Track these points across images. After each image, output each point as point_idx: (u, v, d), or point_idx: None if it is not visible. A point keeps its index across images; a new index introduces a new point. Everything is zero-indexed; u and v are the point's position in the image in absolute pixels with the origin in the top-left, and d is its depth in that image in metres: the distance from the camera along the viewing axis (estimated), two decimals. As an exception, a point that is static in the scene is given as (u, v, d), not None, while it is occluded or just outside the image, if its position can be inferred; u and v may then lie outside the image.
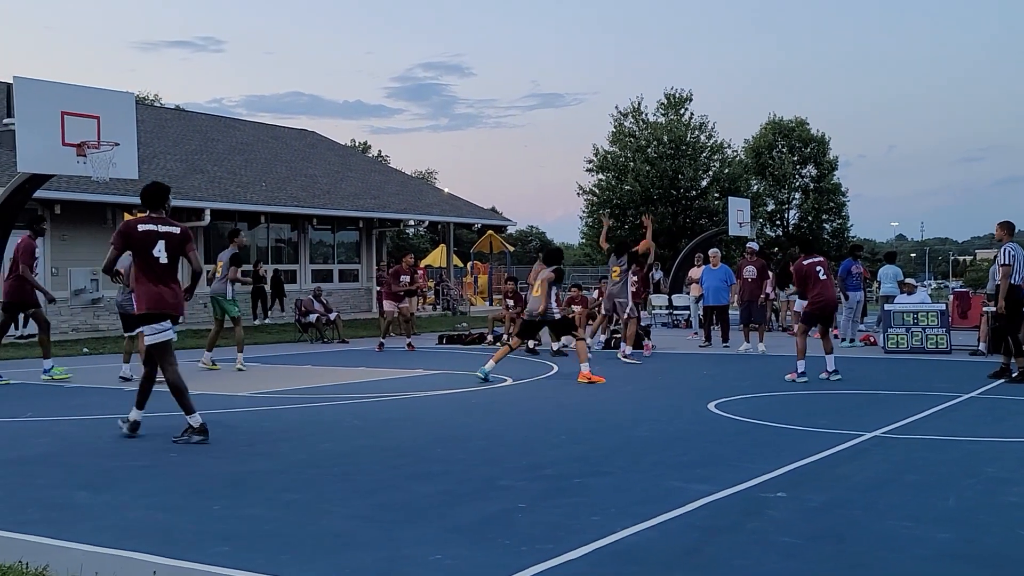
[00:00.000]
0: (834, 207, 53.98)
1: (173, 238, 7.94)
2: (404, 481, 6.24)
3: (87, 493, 5.95)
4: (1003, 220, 12.30)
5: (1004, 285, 11.78)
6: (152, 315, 7.87)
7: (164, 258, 7.86)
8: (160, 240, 7.86)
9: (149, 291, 7.86)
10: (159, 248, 7.84)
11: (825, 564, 4.39)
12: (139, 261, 7.89)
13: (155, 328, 7.88)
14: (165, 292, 7.89)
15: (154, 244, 7.84)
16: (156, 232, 7.88)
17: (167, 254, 7.88)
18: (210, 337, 14.53)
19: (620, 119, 47.37)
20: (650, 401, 10.39)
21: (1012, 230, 12.43)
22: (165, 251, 7.87)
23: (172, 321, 7.97)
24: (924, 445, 7.46)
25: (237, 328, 14.32)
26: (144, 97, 53.49)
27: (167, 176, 24.97)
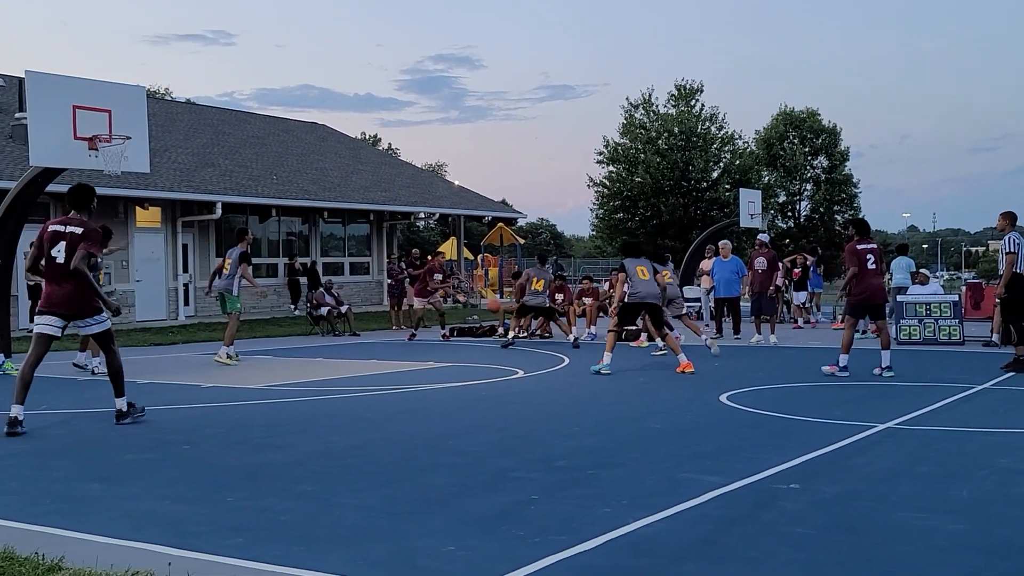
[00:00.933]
0: (846, 198, 53.78)
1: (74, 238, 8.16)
2: (416, 473, 6.26)
3: (101, 485, 5.98)
4: (1005, 210, 12.38)
5: (1007, 273, 11.88)
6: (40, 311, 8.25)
7: (61, 258, 8.10)
8: (61, 240, 8.13)
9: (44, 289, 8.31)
10: (58, 248, 8.11)
11: (838, 555, 4.38)
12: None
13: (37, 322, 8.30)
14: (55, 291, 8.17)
15: (54, 244, 8.15)
16: (60, 232, 8.17)
17: (65, 254, 8.11)
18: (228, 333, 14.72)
19: (631, 111, 47.27)
20: (662, 393, 10.39)
21: (1014, 220, 12.54)
22: (64, 251, 8.11)
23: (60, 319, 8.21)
24: (937, 436, 7.43)
25: (231, 322, 14.42)
26: (155, 91, 53.63)
27: (178, 170, 25.06)
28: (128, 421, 8.38)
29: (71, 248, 8.07)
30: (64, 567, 4.23)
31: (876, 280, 11.61)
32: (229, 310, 14.44)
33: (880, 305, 11.89)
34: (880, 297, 11.81)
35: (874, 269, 11.54)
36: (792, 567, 4.22)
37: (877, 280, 11.63)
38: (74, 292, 8.14)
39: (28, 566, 4.20)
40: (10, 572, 4.12)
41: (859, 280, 11.43)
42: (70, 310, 8.19)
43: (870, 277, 11.48)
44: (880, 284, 11.74)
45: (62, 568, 4.21)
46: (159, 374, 12.46)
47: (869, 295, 11.51)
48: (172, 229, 24.57)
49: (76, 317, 8.26)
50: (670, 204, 43.90)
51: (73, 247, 8.08)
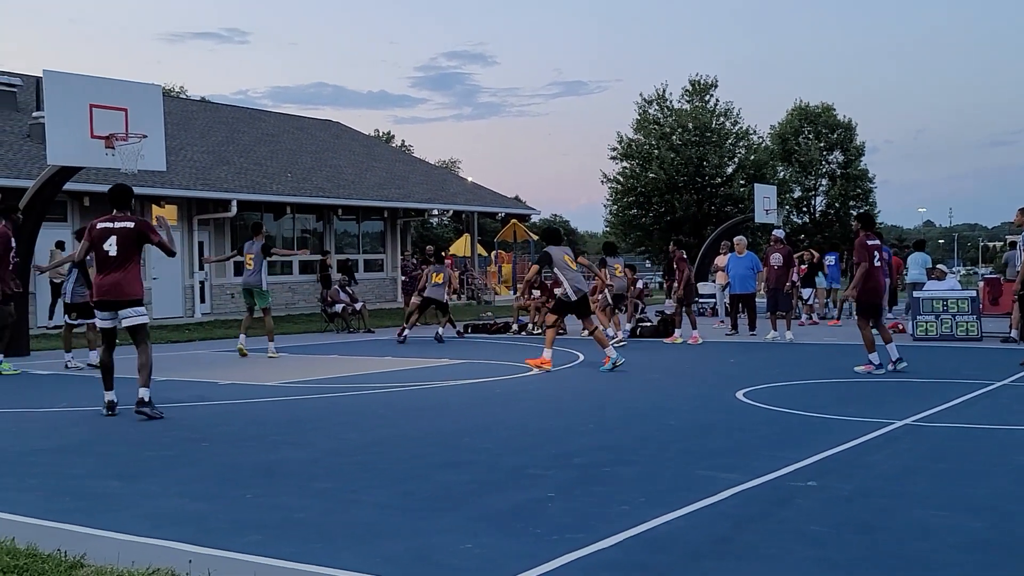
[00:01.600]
0: (861, 193, 53.52)
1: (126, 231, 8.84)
2: (432, 470, 6.28)
3: (121, 482, 6.03)
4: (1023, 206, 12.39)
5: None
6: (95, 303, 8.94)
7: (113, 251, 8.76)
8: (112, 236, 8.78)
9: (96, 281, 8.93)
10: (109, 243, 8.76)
11: (855, 553, 4.37)
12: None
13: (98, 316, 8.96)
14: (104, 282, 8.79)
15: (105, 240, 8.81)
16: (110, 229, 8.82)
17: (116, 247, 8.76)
18: (243, 323, 15.19)
19: (644, 106, 47.14)
20: (678, 390, 10.38)
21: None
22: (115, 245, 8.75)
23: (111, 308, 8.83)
24: (955, 433, 7.40)
25: (267, 318, 14.72)
26: (170, 89, 53.84)
27: (194, 168, 25.17)
28: (146, 411, 8.55)
29: (123, 241, 8.72)
30: (86, 564, 4.27)
31: (880, 279, 11.43)
32: (262, 305, 14.60)
33: (879, 304, 11.66)
34: (879, 296, 11.59)
35: (879, 266, 11.36)
36: (809, 565, 4.21)
37: (881, 279, 11.46)
38: (122, 280, 8.72)
39: (51, 563, 4.24)
40: (33, 569, 4.16)
41: (867, 277, 11.15)
42: (118, 296, 8.72)
43: (876, 274, 11.28)
44: (882, 282, 11.53)
45: (84, 565, 4.25)
46: (177, 371, 12.54)
47: (873, 293, 11.33)
48: (188, 227, 24.70)
49: (121, 306, 8.74)
50: (684, 200, 43.77)
51: (126, 240, 8.76)
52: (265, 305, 14.63)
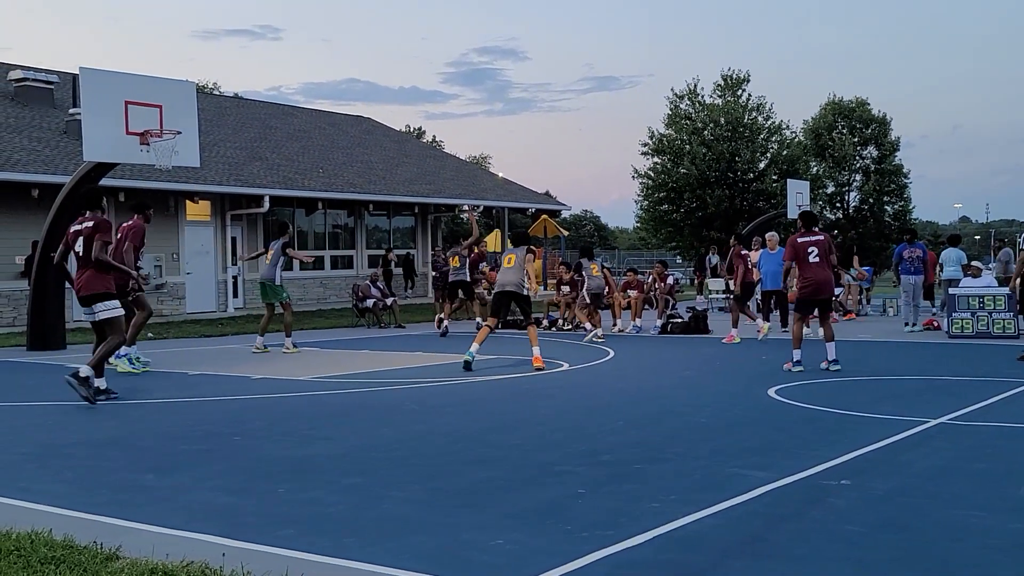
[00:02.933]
0: (896, 189, 52.89)
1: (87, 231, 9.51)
2: (462, 466, 6.29)
3: (155, 475, 6.10)
4: None
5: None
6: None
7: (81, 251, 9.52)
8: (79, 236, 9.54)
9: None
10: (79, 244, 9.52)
11: (890, 553, 4.33)
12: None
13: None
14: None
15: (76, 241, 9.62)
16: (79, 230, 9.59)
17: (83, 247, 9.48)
18: (262, 322, 15.11)
19: (676, 101, 46.83)
20: (708, 386, 10.32)
21: None
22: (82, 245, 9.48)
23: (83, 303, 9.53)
24: (992, 432, 7.30)
25: (286, 313, 14.79)
26: (203, 86, 54.32)
27: (227, 164, 25.39)
28: (82, 392, 8.94)
29: (87, 241, 9.43)
30: (122, 556, 4.32)
31: (820, 273, 11.29)
32: (273, 299, 14.71)
33: (828, 300, 11.69)
34: (827, 291, 11.54)
35: (817, 262, 11.27)
36: (842, 565, 4.17)
37: (821, 273, 11.30)
38: (90, 277, 9.37)
39: (87, 555, 4.29)
40: (70, 560, 4.21)
41: (804, 274, 11.30)
42: (88, 292, 9.37)
43: (813, 270, 11.27)
44: (825, 276, 11.38)
45: (120, 557, 4.30)
46: (209, 365, 12.65)
47: (813, 287, 11.28)
48: (221, 222, 24.91)
49: (92, 301, 9.37)
50: (716, 195, 43.47)
51: (88, 239, 9.47)
52: (279, 300, 14.71)
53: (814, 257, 11.27)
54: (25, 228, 19.43)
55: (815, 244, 11.33)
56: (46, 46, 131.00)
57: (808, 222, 11.74)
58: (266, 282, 14.78)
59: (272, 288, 14.72)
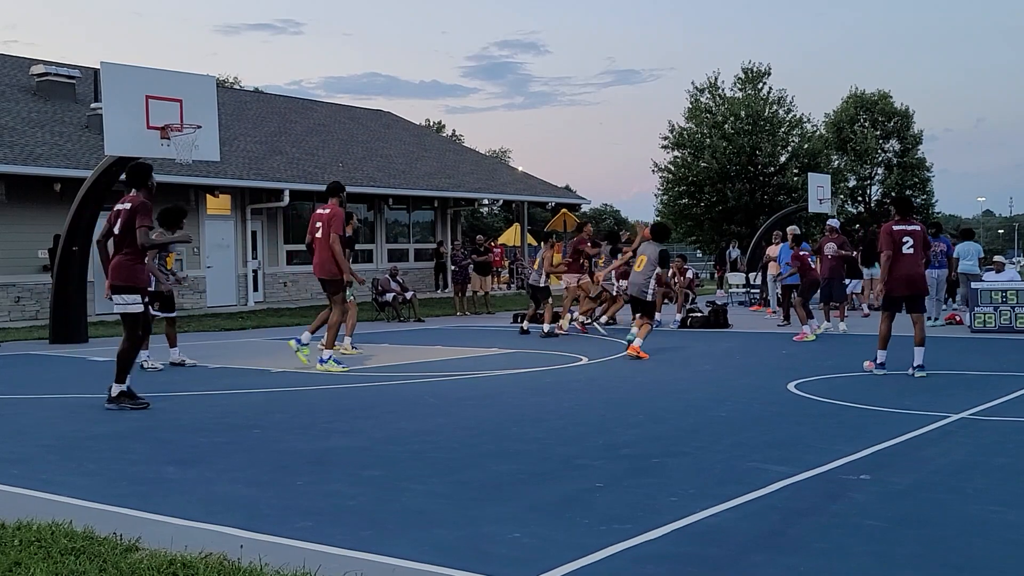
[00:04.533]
0: (918, 182, 52.48)
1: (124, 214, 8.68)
2: (482, 459, 6.30)
3: (175, 468, 6.14)
4: None
5: None
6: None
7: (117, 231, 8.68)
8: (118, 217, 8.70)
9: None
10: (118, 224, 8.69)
11: (910, 548, 4.29)
12: None
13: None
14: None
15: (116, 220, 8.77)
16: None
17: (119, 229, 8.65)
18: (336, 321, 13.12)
19: (696, 95, 46.66)
20: (728, 381, 10.27)
21: None
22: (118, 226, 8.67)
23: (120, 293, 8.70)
24: (1014, 428, 7.23)
25: (350, 310, 13.36)
26: (224, 80, 54.56)
27: (247, 158, 25.48)
28: (113, 407, 8.44)
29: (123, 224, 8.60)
30: (141, 547, 4.35)
31: (913, 267, 10.41)
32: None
33: (919, 297, 10.63)
34: (919, 287, 10.53)
35: (911, 255, 10.38)
36: (863, 559, 4.15)
37: (915, 268, 10.43)
38: (117, 264, 8.68)
39: (107, 546, 4.33)
40: (90, 551, 4.25)
41: (892, 266, 10.40)
42: (112, 280, 8.70)
43: (904, 264, 10.37)
44: (919, 272, 10.51)
45: (139, 548, 4.33)
46: (230, 359, 12.72)
47: (902, 284, 10.38)
48: (241, 216, 25.02)
49: (114, 291, 8.68)
50: (736, 189, 43.29)
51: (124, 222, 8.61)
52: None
53: (908, 248, 10.36)
54: (47, 222, 19.59)
55: (911, 234, 10.41)
56: (69, 41, 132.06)
57: (904, 209, 10.75)
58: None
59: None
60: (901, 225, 10.52)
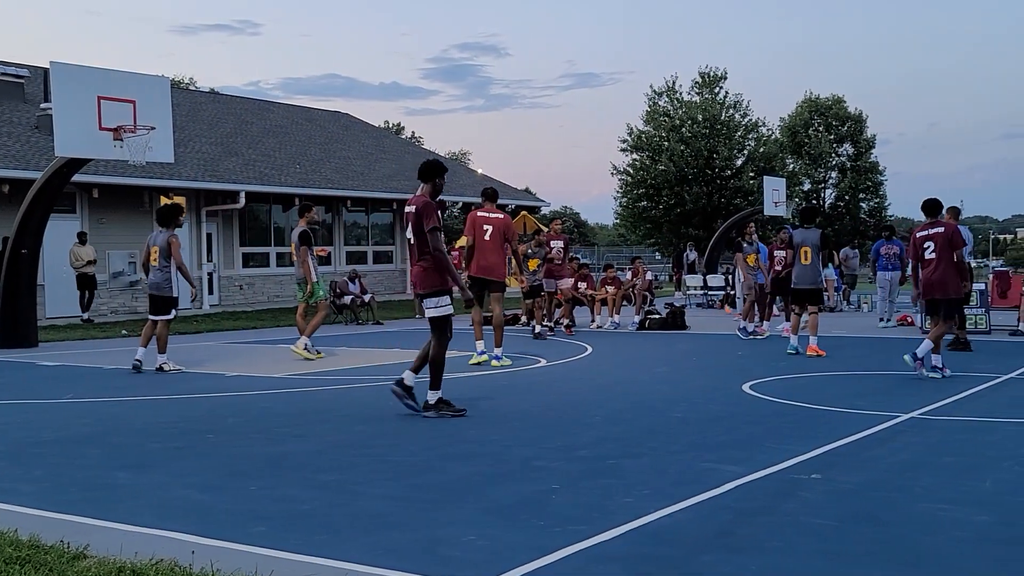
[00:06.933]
0: (871, 186, 53.37)
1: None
2: (439, 462, 6.28)
3: (127, 473, 6.05)
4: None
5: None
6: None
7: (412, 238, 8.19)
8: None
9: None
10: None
11: (860, 546, 4.36)
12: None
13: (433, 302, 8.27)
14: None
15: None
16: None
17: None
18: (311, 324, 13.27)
19: (655, 98, 47.03)
20: (685, 382, 10.36)
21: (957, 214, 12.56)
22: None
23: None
24: (961, 427, 7.37)
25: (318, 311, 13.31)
26: (179, 81, 53.92)
27: (203, 159, 25.21)
28: (432, 415, 8.01)
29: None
30: (89, 555, 4.28)
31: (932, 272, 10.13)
32: (307, 300, 13.12)
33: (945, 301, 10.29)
34: (939, 291, 10.21)
35: (932, 259, 10.09)
36: (813, 558, 4.20)
37: (935, 272, 10.12)
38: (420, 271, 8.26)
39: (53, 554, 4.25)
40: (36, 560, 4.17)
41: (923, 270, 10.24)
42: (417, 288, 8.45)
43: (924, 268, 10.21)
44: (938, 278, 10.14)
45: (87, 556, 4.27)
46: (184, 363, 12.55)
47: (925, 290, 10.34)
48: (196, 219, 24.76)
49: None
50: (694, 192, 43.66)
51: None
52: (313, 300, 13.11)
53: (930, 253, 10.07)
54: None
55: (932, 238, 10.10)
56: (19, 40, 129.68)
57: (930, 211, 10.33)
58: (298, 281, 13.24)
59: (300, 287, 13.21)
60: (924, 230, 10.35)
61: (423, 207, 8.02)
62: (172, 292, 12.01)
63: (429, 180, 8.25)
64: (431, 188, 8.23)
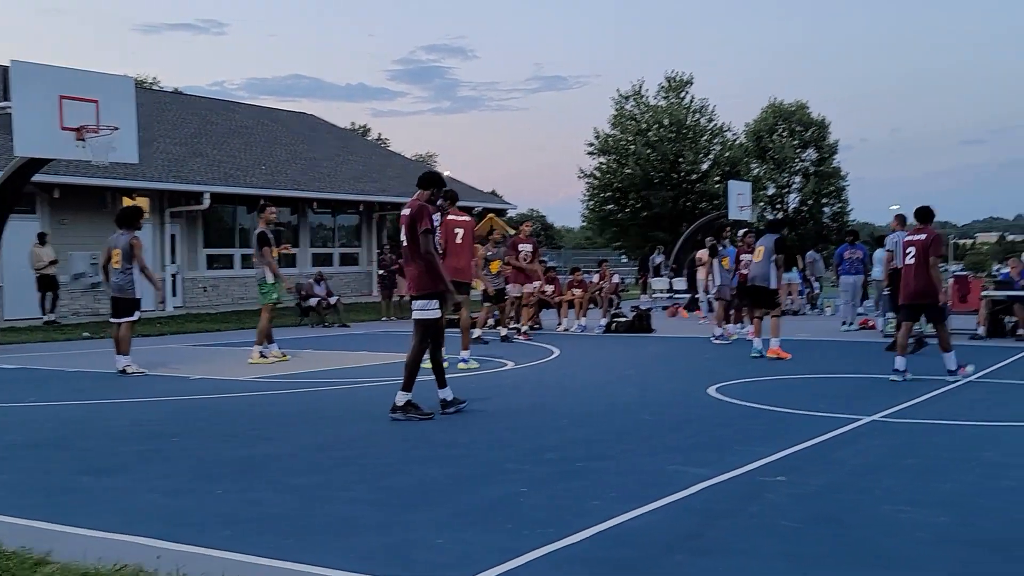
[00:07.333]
0: (834, 191, 54.02)
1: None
2: (409, 465, 6.28)
3: (91, 478, 5.99)
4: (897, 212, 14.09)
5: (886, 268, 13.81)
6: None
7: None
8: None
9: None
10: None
11: (824, 548, 4.42)
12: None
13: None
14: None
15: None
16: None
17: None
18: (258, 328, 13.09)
19: (621, 102, 47.27)
20: (652, 385, 10.43)
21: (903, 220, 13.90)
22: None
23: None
24: (922, 429, 7.49)
25: (263, 315, 12.97)
26: (143, 80, 53.33)
27: (167, 160, 24.95)
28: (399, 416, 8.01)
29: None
30: (51, 561, 4.23)
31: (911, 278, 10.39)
32: (262, 302, 12.87)
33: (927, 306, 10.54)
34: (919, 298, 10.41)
35: (911, 264, 10.36)
36: (778, 559, 4.26)
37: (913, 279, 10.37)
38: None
39: (15, 560, 4.20)
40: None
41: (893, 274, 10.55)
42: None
43: (904, 273, 10.48)
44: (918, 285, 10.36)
45: (50, 562, 4.22)
46: (148, 365, 12.43)
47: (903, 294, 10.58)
48: (160, 219, 24.51)
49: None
50: (660, 196, 43.93)
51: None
52: (263, 302, 12.90)
53: (910, 259, 10.44)
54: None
55: (914, 244, 10.43)
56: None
57: (922, 218, 10.69)
58: (258, 281, 13.04)
59: (260, 287, 12.97)
60: (911, 235, 10.65)
61: (418, 210, 8.13)
62: (135, 294, 11.95)
63: (428, 188, 8.50)
64: (429, 195, 8.44)
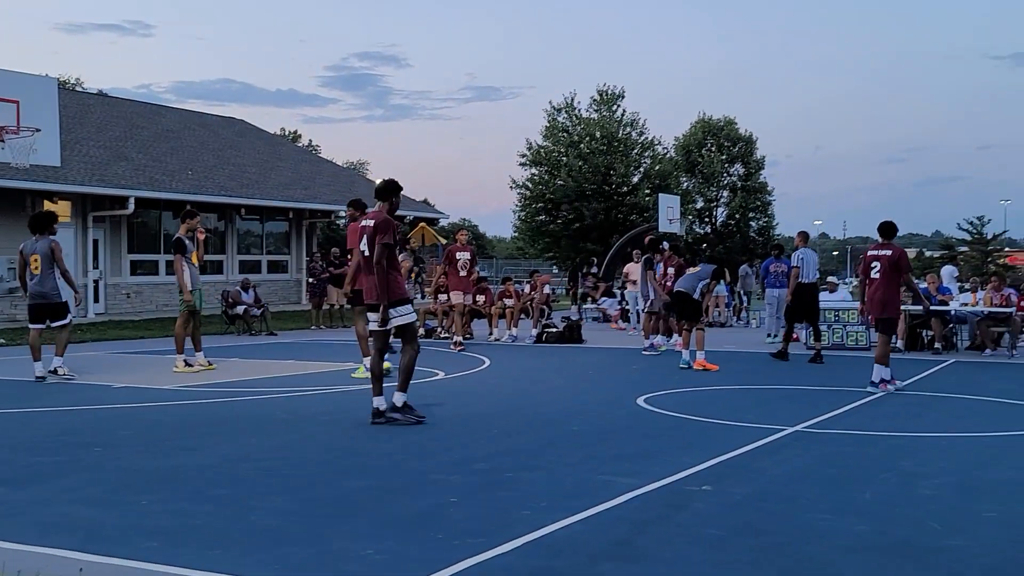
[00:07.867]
0: (760, 205, 55.12)
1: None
2: (335, 476, 6.24)
3: (7, 489, 5.82)
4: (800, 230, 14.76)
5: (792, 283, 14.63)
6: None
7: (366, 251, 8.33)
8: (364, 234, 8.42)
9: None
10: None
11: (748, 555, 4.52)
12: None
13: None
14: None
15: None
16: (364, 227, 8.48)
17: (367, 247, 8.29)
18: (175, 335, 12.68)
19: (554, 114, 47.60)
20: (581, 395, 10.51)
21: (806, 238, 15.12)
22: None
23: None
24: (843, 440, 7.69)
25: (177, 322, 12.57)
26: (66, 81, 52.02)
27: (90, 163, 24.37)
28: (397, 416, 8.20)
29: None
30: (-32, 574, 4.11)
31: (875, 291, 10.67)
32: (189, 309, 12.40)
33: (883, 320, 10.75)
34: (877, 311, 10.74)
35: (876, 279, 10.66)
36: (704, 567, 4.34)
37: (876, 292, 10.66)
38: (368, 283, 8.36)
39: (-70, 573, 4.07)
40: (-89, 580, 3.99)
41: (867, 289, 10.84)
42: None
43: (869, 287, 10.82)
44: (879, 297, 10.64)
45: (-34, 575, 4.10)
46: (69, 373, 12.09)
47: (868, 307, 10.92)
48: (83, 224, 23.92)
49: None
50: (592, 208, 44.30)
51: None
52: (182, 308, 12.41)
53: (875, 273, 10.70)
54: None
55: (878, 259, 10.73)
56: None
57: (884, 233, 11.03)
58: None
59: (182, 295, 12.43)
60: (874, 250, 10.95)
61: (383, 222, 8.26)
62: (60, 298, 11.74)
63: (387, 199, 8.54)
64: (388, 206, 8.50)
